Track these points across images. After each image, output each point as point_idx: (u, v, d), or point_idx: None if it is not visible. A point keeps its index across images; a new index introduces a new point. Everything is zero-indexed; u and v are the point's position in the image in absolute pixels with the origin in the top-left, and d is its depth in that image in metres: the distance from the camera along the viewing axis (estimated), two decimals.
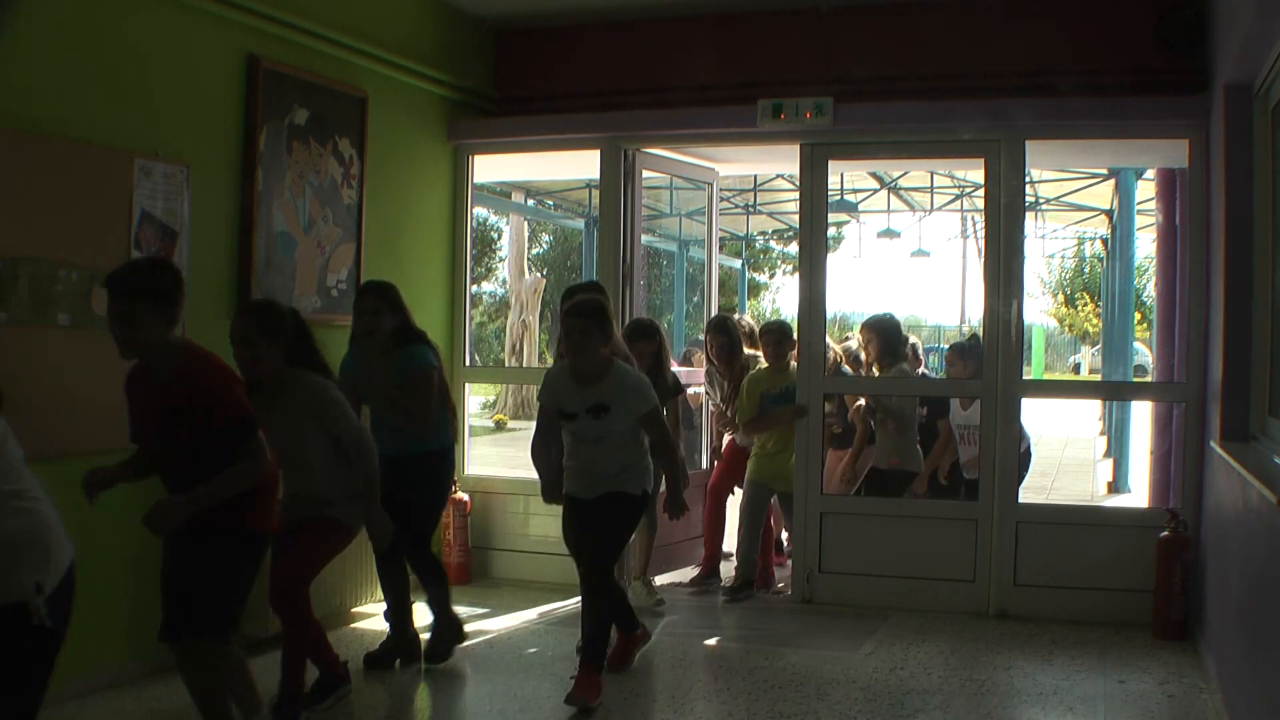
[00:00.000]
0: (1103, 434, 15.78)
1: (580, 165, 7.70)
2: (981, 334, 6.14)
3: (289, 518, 4.22)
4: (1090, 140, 6.28)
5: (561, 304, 5.25)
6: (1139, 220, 12.45)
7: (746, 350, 6.76)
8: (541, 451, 4.94)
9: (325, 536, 4.27)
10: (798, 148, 6.24)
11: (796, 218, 7.42)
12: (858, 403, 6.86)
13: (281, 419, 4.09)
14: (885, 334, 6.70)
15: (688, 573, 6.66)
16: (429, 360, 4.82)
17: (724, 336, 6.69)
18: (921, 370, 7.47)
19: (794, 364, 6.37)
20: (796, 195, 7.94)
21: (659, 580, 6.31)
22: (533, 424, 5.45)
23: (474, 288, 15.13)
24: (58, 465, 4.19)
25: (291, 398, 4.11)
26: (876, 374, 6.70)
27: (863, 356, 6.96)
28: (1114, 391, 11.01)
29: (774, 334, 6.50)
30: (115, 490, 4.50)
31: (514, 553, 6.56)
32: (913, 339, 7.49)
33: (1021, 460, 6.48)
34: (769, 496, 6.42)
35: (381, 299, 4.80)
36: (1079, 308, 33.21)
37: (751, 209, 17.11)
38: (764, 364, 6.50)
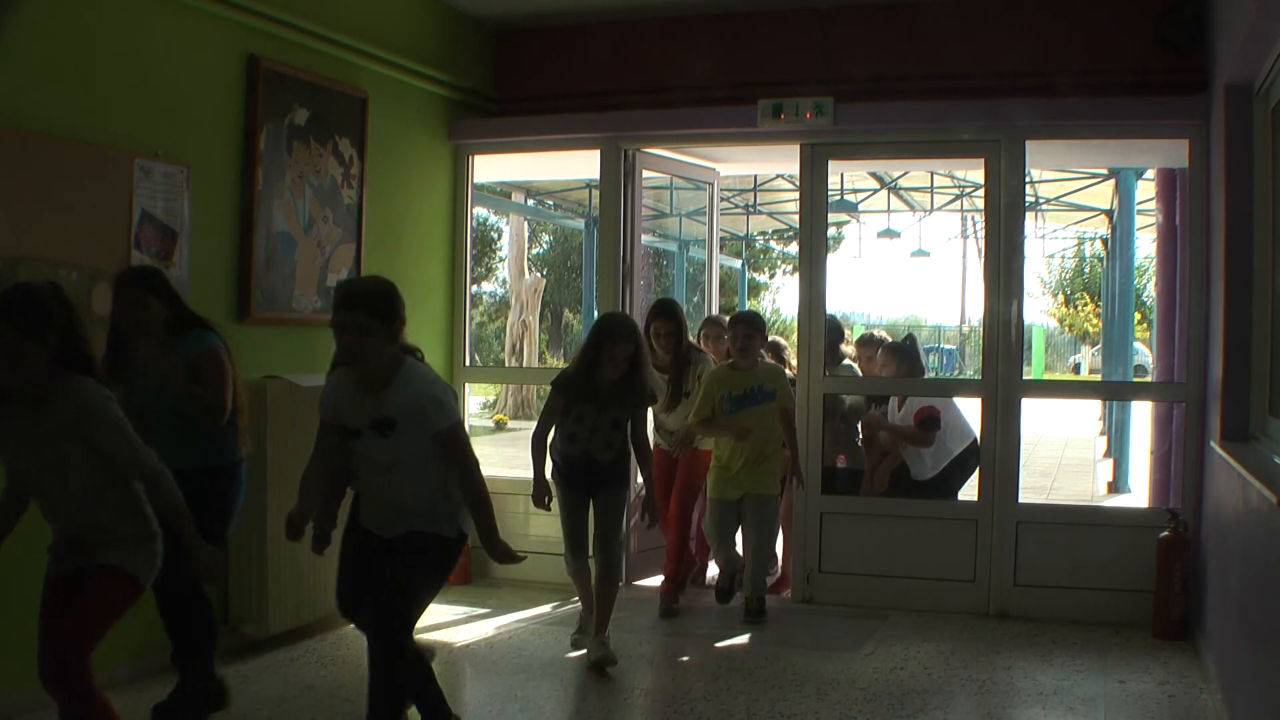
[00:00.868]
0: (1103, 434, 15.78)
1: (580, 165, 7.70)
2: (981, 334, 6.13)
3: (58, 570, 3.32)
4: (1090, 140, 6.28)
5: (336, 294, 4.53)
6: (1139, 220, 12.46)
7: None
8: (313, 480, 3.75)
9: (106, 595, 3.27)
10: (798, 148, 6.24)
11: (796, 218, 7.42)
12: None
13: (44, 440, 3.18)
14: (831, 334, 6.52)
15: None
16: (215, 341, 4.11)
17: (673, 322, 5.92)
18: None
19: (765, 363, 5.85)
20: (796, 195, 7.94)
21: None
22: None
23: (474, 288, 15.14)
24: None
25: (55, 412, 3.16)
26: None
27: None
28: (1114, 391, 11.03)
29: (745, 325, 5.75)
30: None
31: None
32: (882, 334, 7.33)
33: (968, 459, 6.47)
34: (735, 510, 5.79)
35: (145, 288, 4.01)
36: (1079, 308, 33.23)
37: (751, 209, 17.13)
38: (712, 359, 5.98)
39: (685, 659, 5.19)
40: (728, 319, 6.28)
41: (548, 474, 5.05)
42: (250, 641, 5.01)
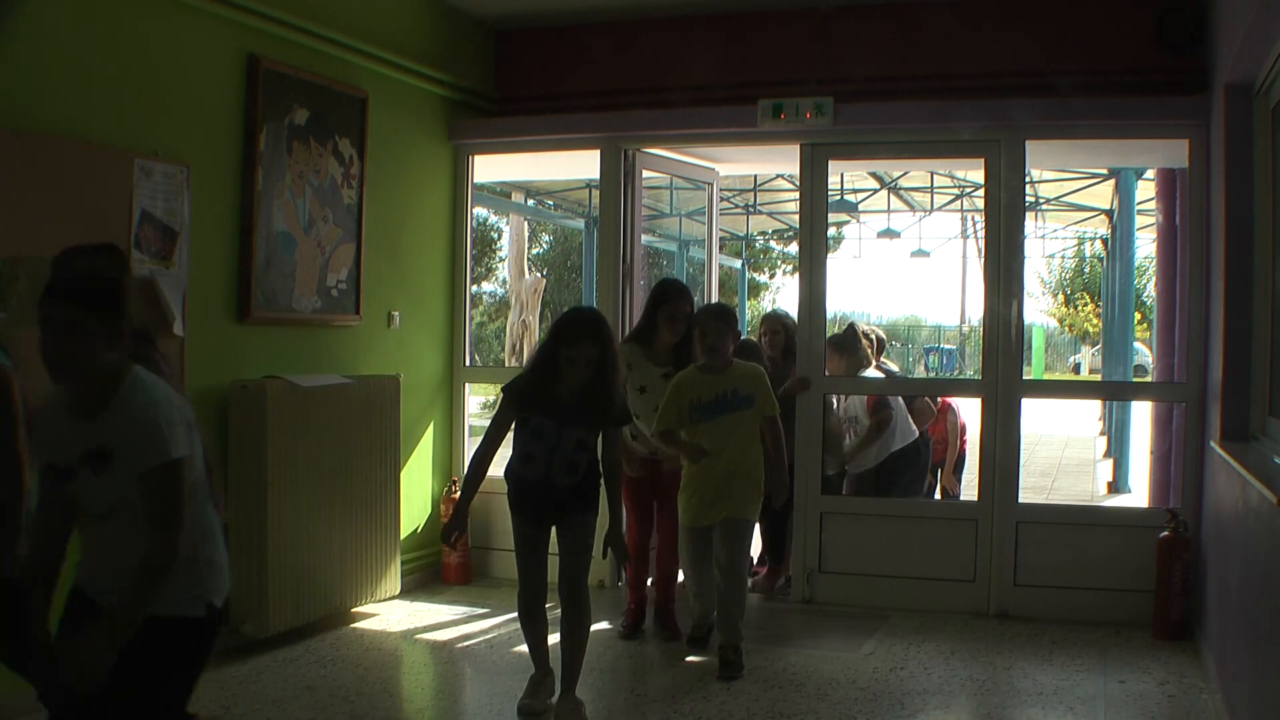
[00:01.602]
0: (1103, 434, 15.80)
1: (580, 165, 7.70)
2: (981, 334, 6.13)
3: None
4: (1090, 140, 6.28)
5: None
6: (1139, 220, 12.47)
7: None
8: (40, 547, 2.80)
9: None
10: (798, 148, 6.24)
11: (796, 218, 7.42)
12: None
13: None
14: (788, 340, 6.38)
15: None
16: (3, 360, 3.28)
17: (690, 304, 5.28)
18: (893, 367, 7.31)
19: (740, 363, 5.05)
20: (796, 195, 7.95)
21: None
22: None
23: (474, 288, 15.14)
24: None
25: None
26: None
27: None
28: (1114, 391, 11.04)
29: (714, 319, 4.96)
30: None
31: (514, 552, 6.53)
32: (865, 327, 7.20)
33: (909, 457, 6.50)
34: (708, 538, 5.01)
35: None
36: (1079, 308, 33.27)
37: (751, 209, 17.14)
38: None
39: (685, 659, 5.18)
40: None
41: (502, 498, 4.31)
42: (250, 641, 5.01)
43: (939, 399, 7.41)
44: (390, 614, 5.74)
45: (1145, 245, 15.30)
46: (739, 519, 4.94)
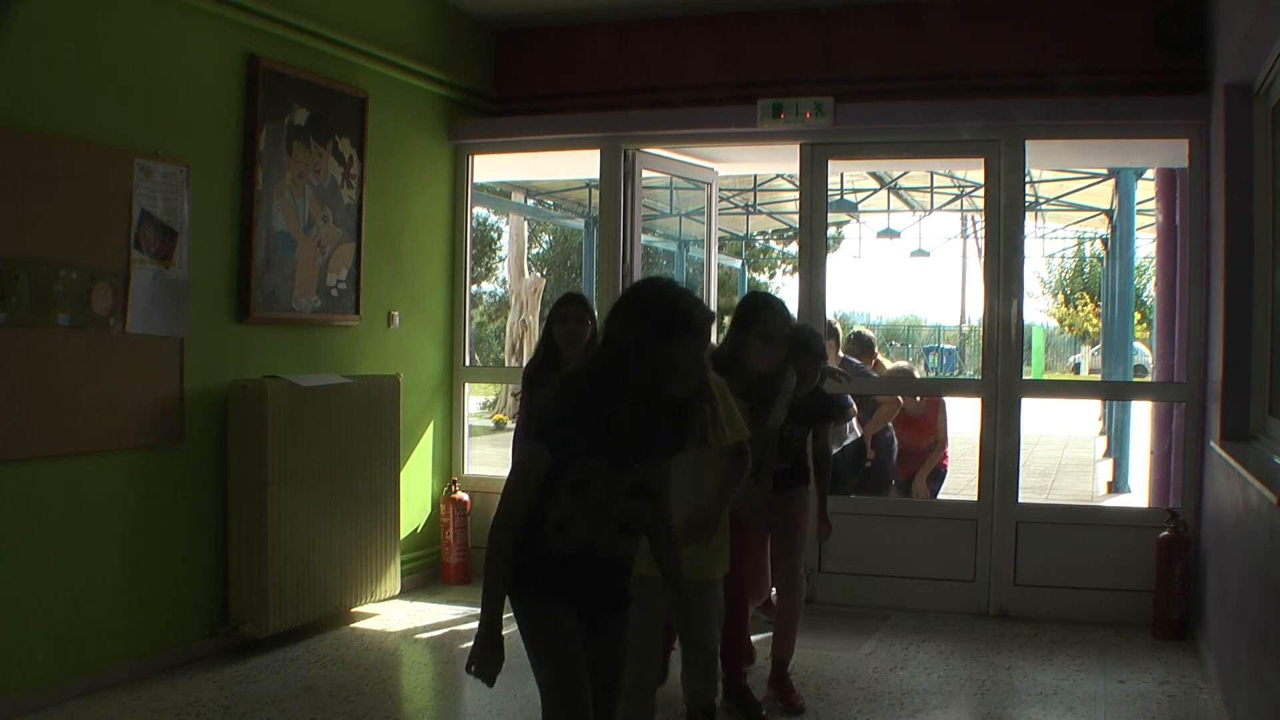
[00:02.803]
0: (1103, 434, 15.80)
1: (580, 165, 7.70)
2: (981, 334, 6.14)
3: None
4: (1090, 140, 6.28)
5: None
6: (1139, 220, 12.48)
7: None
8: None
9: None
10: (798, 148, 6.24)
11: (796, 218, 7.42)
12: None
13: None
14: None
15: None
16: None
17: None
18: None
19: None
20: (796, 195, 7.95)
21: None
22: None
23: (474, 288, 15.16)
24: (57, 465, 4.21)
25: None
26: None
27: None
28: (1114, 391, 11.04)
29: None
30: (115, 492, 4.53)
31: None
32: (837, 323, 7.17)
33: (853, 459, 6.51)
34: (655, 592, 3.36)
35: None
36: (1079, 308, 33.27)
37: (751, 209, 17.14)
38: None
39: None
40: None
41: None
42: (250, 641, 5.01)
43: (922, 399, 7.36)
44: (390, 614, 5.74)
45: (1145, 245, 15.32)
46: (699, 582, 3.68)
